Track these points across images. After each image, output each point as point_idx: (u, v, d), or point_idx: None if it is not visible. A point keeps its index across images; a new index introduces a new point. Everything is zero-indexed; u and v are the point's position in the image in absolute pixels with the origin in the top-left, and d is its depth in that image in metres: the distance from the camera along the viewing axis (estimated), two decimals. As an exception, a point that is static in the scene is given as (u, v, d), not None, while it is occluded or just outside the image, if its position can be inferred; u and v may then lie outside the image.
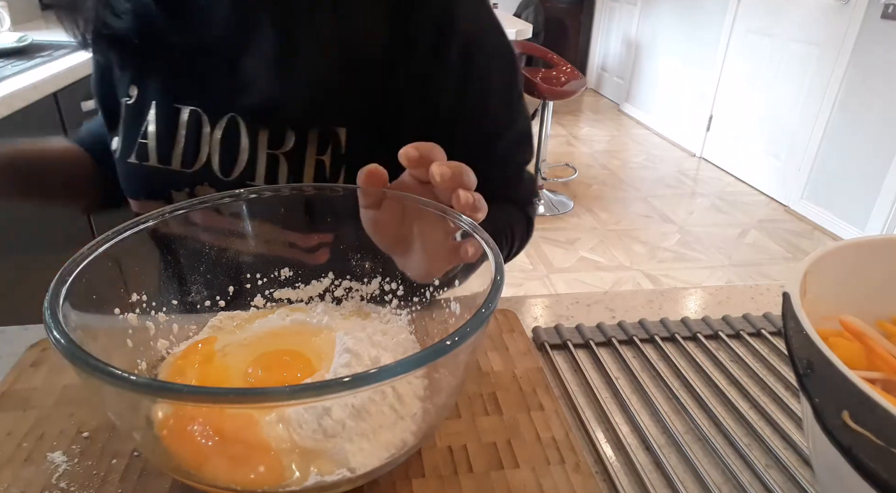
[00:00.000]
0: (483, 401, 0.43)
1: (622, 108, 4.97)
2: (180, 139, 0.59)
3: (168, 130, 0.59)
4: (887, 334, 0.35)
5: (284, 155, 0.57)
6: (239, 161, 0.58)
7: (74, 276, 0.34)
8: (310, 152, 0.57)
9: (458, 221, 0.40)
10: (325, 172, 0.58)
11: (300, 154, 0.57)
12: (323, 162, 0.58)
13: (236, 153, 0.58)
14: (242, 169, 0.58)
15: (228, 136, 0.58)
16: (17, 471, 0.36)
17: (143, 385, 0.27)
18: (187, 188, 0.59)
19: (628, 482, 0.39)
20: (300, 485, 0.31)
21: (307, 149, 0.57)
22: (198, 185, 0.59)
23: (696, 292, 0.64)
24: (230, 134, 0.58)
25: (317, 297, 0.48)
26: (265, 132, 0.57)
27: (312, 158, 0.57)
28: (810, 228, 2.93)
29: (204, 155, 0.59)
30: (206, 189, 0.59)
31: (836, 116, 2.83)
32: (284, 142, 0.57)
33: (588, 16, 5.49)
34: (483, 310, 0.32)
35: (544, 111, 3.00)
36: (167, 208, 0.41)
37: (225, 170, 0.58)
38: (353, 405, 0.32)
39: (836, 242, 0.36)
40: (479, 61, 0.59)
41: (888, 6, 2.54)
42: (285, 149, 0.57)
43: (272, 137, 0.57)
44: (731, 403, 0.46)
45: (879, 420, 0.24)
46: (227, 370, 0.39)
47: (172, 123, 0.59)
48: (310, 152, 0.57)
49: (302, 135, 0.57)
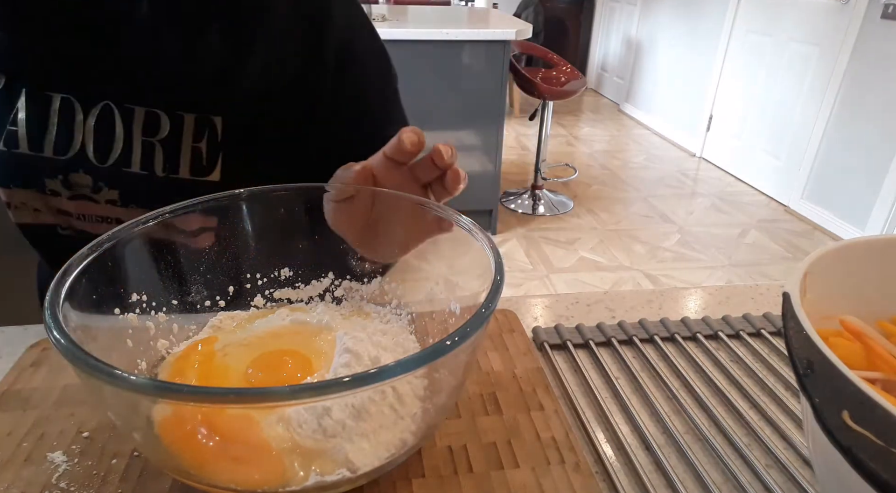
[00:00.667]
0: (483, 401, 0.43)
1: (622, 108, 4.97)
2: (52, 126, 0.58)
3: (39, 117, 0.58)
4: (887, 334, 0.35)
5: (160, 142, 0.58)
6: (114, 148, 0.58)
7: (74, 276, 0.34)
8: (185, 140, 0.58)
9: (460, 221, 0.41)
10: (202, 159, 0.58)
11: (176, 141, 0.58)
12: (199, 149, 0.58)
13: (111, 140, 0.58)
14: (118, 156, 0.58)
15: (102, 122, 0.58)
16: (18, 471, 0.36)
17: (143, 385, 0.27)
18: (60, 175, 0.58)
19: (628, 482, 0.39)
20: (300, 485, 0.31)
21: (183, 136, 0.58)
22: (72, 172, 0.58)
23: (696, 292, 0.64)
24: (104, 121, 0.58)
25: (317, 297, 0.48)
26: (139, 119, 0.58)
27: (189, 146, 0.58)
28: (810, 228, 2.93)
29: (77, 142, 0.58)
30: (80, 177, 0.58)
31: (836, 116, 2.83)
32: (160, 129, 0.58)
33: (588, 16, 5.49)
34: (483, 310, 0.32)
35: (544, 111, 3.00)
36: (167, 208, 0.41)
37: (100, 157, 0.58)
38: (353, 405, 0.32)
39: (836, 243, 0.36)
40: (355, 60, 0.62)
41: (888, 6, 2.54)
42: (161, 136, 0.58)
43: (147, 124, 0.58)
44: (731, 403, 0.46)
45: (879, 420, 0.24)
46: (227, 370, 0.39)
47: (44, 110, 0.58)
48: (185, 140, 0.58)
49: (177, 122, 0.57)
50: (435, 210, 0.43)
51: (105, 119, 0.58)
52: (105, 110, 0.58)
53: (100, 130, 0.58)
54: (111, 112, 0.58)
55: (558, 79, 3.10)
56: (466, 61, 2.39)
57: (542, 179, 3.10)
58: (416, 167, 0.45)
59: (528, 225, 2.90)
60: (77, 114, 0.58)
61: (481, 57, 2.38)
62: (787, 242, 2.80)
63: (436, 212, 0.43)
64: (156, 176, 0.58)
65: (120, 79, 0.58)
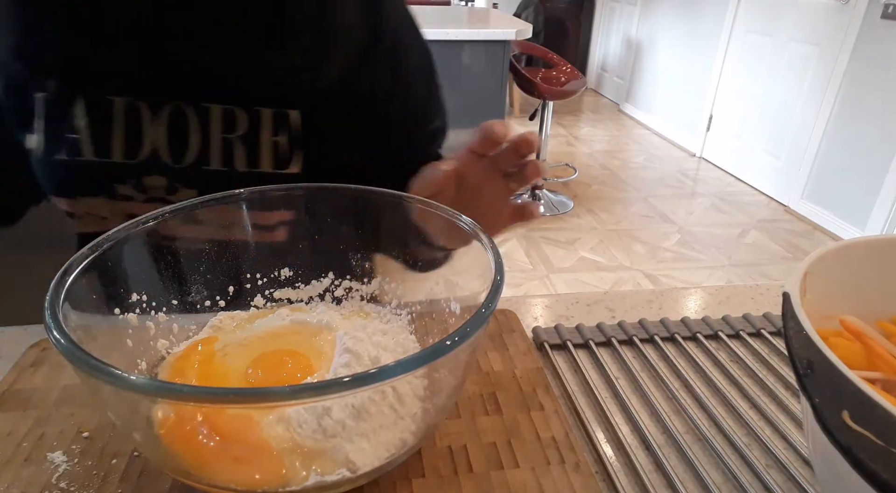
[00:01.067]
0: (483, 401, 0.43)
1: (622, 108, 4.97)
2: (118, 130, 0.56)
3: (102, 122, 0.56)
4: (887, 334, 0.35)
5: (240, 138, 0.57)
6: (190, 148, 0.57)
7: (74, 276, 0.34)
8: (264, 134, 0.58)
9: (460, 220, 0.41)
10: (280, 153, 0.58)
11: (255, 137, 0.57)
12: (278, 144, 0.58)
13: (185, 140, 0.57)
14: (196, 155, 0.57)
15: (174, 122, 0.57)
16: (18, 471, 0.36)
17: (143, 385, 0.27)
18: (132, 179, 0.57)
19: (628, 482, 0.39)
20: (300, 485, 0.31)
21: (261, 131, 0.57)
22: (145, 175, 0.57)
23: (696, 292, 0.64)
24: (176, 120, 0.57)
25: (317, 297, 0.48)
26: (217, 117, 0.57)
27: (269, 140, 0.58)
28: (810, 228, 2.93)
29: (148, 143, 0.57)
30: (155, 179, 0.57)
31: (836, 116, 2.83)
32: (237, 125, 0.57)
33: (588, 16, 5.49)
34: (483, 310, 0.32)
35: (544, 111, 3.00)
36: (167, 208, 0.41)
37: (175, 157, 0.57)
38: (353, 405, 0.32)
39: (836, 243, 0.36)
40: (407, 52, 0.63)
41: (888, 6, 2.54)
42: (240, 132, 0.57)
43: (225, 120, 0.57)
44: (731, 403, 0.46)
45: (879, 420, 0.24)
46: (227, 370, 0.39)
47: (106, 115, 0.56)
48: (264, 134, 0.58)
49: (255, 117, 0.57)
50: (435, 210, 0.43)
51: (177, 119, 0.57)
52: (176, 110, 0.56)
53: (172, 130, 0.57)
54: (182, 112, 0.56)
55: (558, 79, 3.10)
56: (466, 61, 2.39)
57: (543, 179, 3.10)
58: (498, 157, 0.48)
59: (527, 225, 2.90)
60: (144, 115, 0.56)
61: (481, 57, 2.38)
62: (787, 242, 2.80)
63: (442, 213, 0.43)
64: (237, 172, 0.57)
65: (194, 78, 0.56)
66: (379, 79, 0.61)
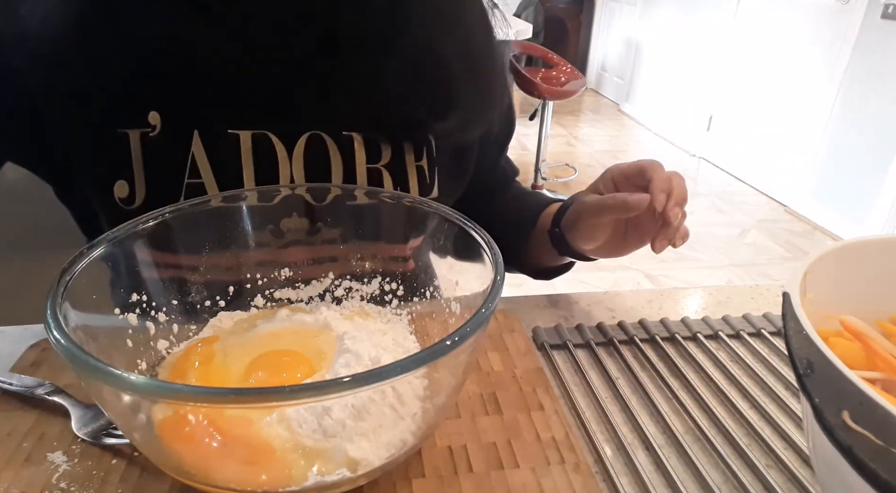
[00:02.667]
0: (483, 401, 0.43)
1: (622, 108, 4.97)
2: (248, 170, 0.50)
3: (228, 160, 0.49)
4: (887, 334, 0.35)
5: (385, 167, 0.54)
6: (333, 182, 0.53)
7: (74, 276, 0.34)
8: (409, 161, 0.56)
9: (459, 220, 0.41)
10: (426, 178, 0.57)
11: (401, 164, 0.55)
12: (423, 168, 0.56)
13: (327, 175, 0.52)
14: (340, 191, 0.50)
15: (312, 156, 0.51)
16: (18, 471, 0.36)
17: (143, 385, 0.27)
18: (271, 225, 0.47)
19: (628, 482, 0.39)
20: (300, 485, 0.31)
21: (406, 158, 0.55)
22: (284, 218, 0.47)
23: (696, 292, 0.64)
24: (314, 154, 0.52)
25: (317, 297, 0.48)
26: (360, 147, 0.53)
27: (413, 167, 0.56)
28: (810, 228, 2.93)
29: (283, 179, 0.51)
30: (296, 221, 0.48)
31: (835, 116, 2.83)
32: (381, 155, 0.54)
33: (588, 16, 5.49)
34: (483, 310, 0.32)
35: (544, 111, 3.00)
36: (167, 208, 0.41)
37: (317, 195, 0.48)
38: (353, 405, 0.32)
39: (836, 243, 0.36)
40: None
41: (888, 6, 2.54)
42: (384, 161, 0.54)
43: (368, 151, 0.53)
44: (731, 403, 0.46)
45: (879, 420, 0.24)
46: (227, 370, 0.39)
47: (234, 152, 0.50)
48: (409, 161, 0.56)
49: (398, 145, 0.55)
50: (432, 211, 0.43)
51: (315, 152, 0.52)
52: (313, 141, 0.52)
53: (309, 165, 0.51)
54: (322, 143, 0.52)
55: (558, 79, 3.10)
56: (466, 61, 2.38)
57: (542, 179, 3.10)
58: None
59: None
60: (277, 149, 0.51)
61: (481, 57, 2.38)
62: (787, 242, 2.80)
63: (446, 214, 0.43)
64: (385, 203, 0.47)
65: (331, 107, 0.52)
66: None
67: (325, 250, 0.48)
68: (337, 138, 0.53)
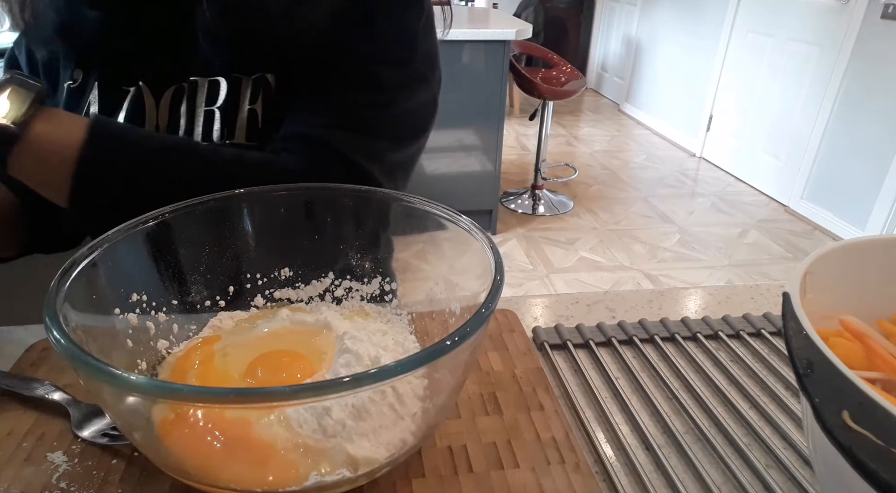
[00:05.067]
0: (483, 401, 0.43)
1: (622, 108, 4.97)
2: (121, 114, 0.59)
3: (112, 107, 0.59)
4: (887, 333, 0.35)
5: (219, 109, 0.58)
6: (180, 125, 0.59)
7: (74, 276, 0.34)
8: (242, 103, 0.58)
9: (460, 221, 0.41)
10: (257, 121, 0.58)
11: (234, 106, 0.58)
12: (255, 112, 0.58)
13: (178, 118, 0.59)
14: (182, 132, 0.59)
15: (172, 103, 0.59)
16: (18, 471, 0.36)
17: (143, 385, 0.27)
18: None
19: (628, 482, 0.39)
20: (300, 485, 0.31)
21: (240, 100, 0.58)
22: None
23: (696, 292, 0.64)
24: (174, 101, 0.59)
25: (317, 297, 0.48)
26: (203, 92, 0.59)
27: (245, 110, 0.58)
28: (810, 228, 2.93)
29: (150, 127, 0.60)
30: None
31: (835, 116, 2.83)
32: (218, 97, 0.58)
33: (588, 16, 5.49)
34: (483, 310, 0.32)
35: (544, 111, 3.00)
36: (167, 208, 0.41)
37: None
38: (353, 405, 0.32)
39: (836, 242, 0.36)
40: None
41: (888, 6, 2.54)
42: (219, 103, 0.58)
43: (209, 94, 0.59)
44: (731, 403, 0.46)
45: (879, 420, 0.24)
46: (228, 370, 0.39)
47: (117, 101, 0.59)
48: (242, 103, 0.58)
49: (235, 87, 0.58)
50: (434, 211, 0.43)
51: (175, 100, 0.59)
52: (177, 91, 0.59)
53: (169, 110, 0.59)
54: (181, 91, 0.59)
55: (558, 79, 3.11)
56: (466, 61, 2.39)
57: (542, 179, 3.10)
58: None
59: (527, 225, 2.90)
60: (147, 99, 0.59)
61: (481, 57, 2.38)
62: (787, 242, 2.80)
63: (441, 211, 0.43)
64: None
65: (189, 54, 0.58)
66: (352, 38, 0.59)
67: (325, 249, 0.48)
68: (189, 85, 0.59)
